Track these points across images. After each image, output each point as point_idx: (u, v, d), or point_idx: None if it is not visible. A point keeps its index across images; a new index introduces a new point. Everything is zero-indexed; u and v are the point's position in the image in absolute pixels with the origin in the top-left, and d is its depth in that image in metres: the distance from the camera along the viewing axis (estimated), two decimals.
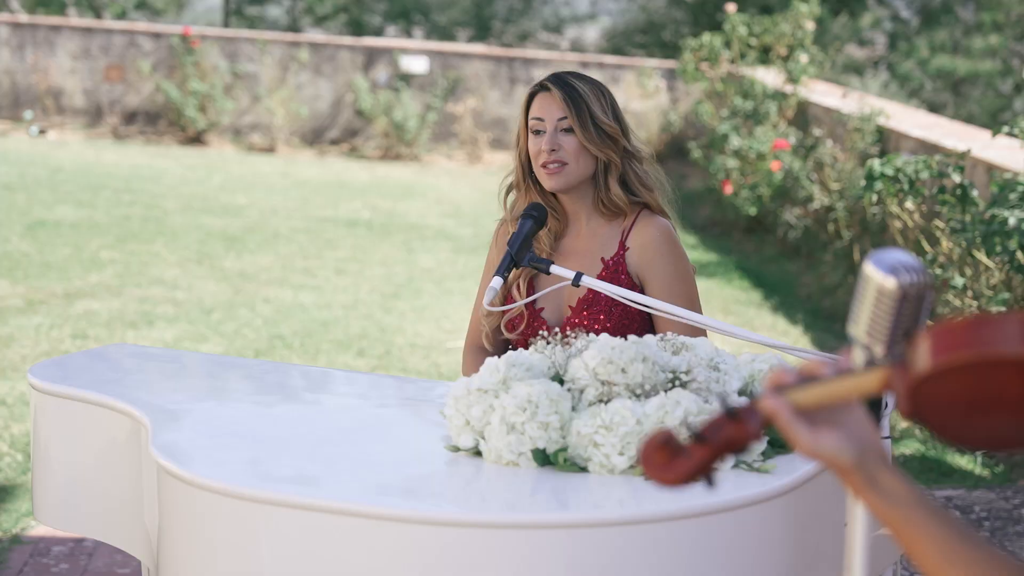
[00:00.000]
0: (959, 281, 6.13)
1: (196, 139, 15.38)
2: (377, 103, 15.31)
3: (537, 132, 3.24)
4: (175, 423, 2.79)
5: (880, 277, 1.58)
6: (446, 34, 22.32)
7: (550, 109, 3.22)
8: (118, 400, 2.92)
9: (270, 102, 15.31)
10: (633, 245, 3.26)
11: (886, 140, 9.79)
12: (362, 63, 15.76)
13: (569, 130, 3.21)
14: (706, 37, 11.97)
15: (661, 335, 2.75)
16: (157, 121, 15.62)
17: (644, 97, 15.19)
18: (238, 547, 2.42)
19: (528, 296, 3.24)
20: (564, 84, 3.22)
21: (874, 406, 2.04)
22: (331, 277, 9.15)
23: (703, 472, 1.56)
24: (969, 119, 16.83)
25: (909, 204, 7.26)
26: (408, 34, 23.26)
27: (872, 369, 1.50)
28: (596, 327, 3.17)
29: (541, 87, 3.26)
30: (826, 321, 8.67)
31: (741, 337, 2.84)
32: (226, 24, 23.30)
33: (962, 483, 5.56)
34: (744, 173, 10.91)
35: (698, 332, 3.14)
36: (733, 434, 1.55)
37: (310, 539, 2.36)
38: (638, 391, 2.51)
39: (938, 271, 6.28)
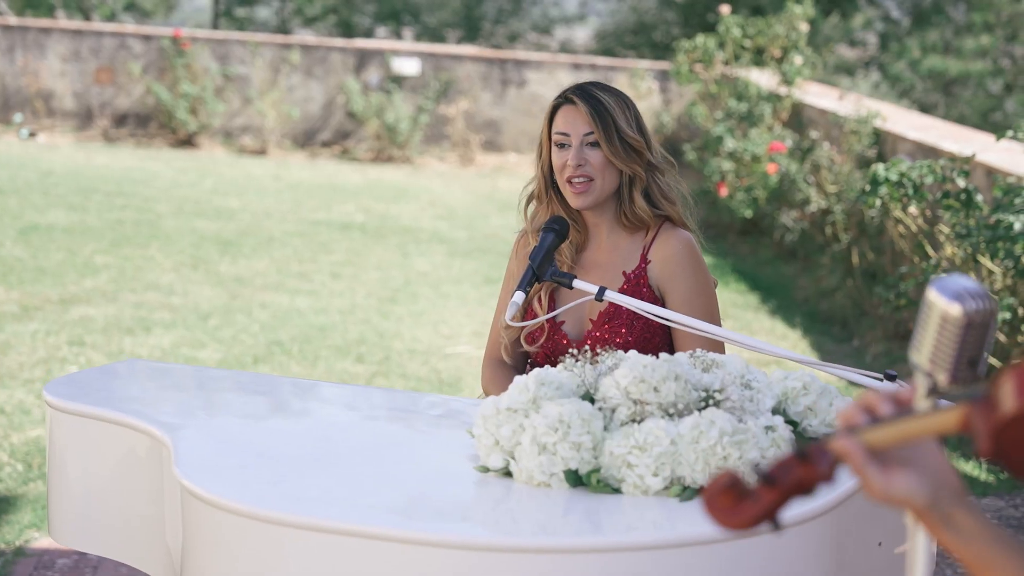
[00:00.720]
0: None
1: (187, 141, 15.31)
2: (369, 105, 15.25)
3: (562, 146, 3.20)
4: (196, 442, 2.75)
5: (944, 303, 1.55)
6: (436, 35, 22.27)
7: (575, 123, 3.17)
8: (136, 419, 2.87)
9: (261, 104, 15.24)
10: (655, 258, 3.21)
11: (882, 142, 9.78)
12: (353, 65, 15.70)
13: (595, 144, 3.16)
14: (700, 39, 11.93)
15: (691, 352, 2.71)
16: (148, 123, 15.54)
17: (636, 99, 15.14)
18: (264, 570, 2.38)
19: (550, 309, 3.20)
20: (590, 97, 3.17)
21: None
22: (327, 281, 9.10)
23: (770, 516, 1.52)
24: (960, 119, 16.85)
25: (913, 209, 7.24)
26: (398, 35, 23.20)
27: (949, 408, 1.46)
28: (617, 340, 3.13)
29: (565, 99, 3.21)
30: (824, 324, 8.64)
31: (767, 352, 2.80)
32: (215, 25, 23.21)
33: (970, 490, 5.53)
34: (739, 175, 10.88)
35: (717, 346, 3.11)
36: (803, 476, 1.50)
37: (337, 562, 2.32)
38: (671, 410, 2.47)
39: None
